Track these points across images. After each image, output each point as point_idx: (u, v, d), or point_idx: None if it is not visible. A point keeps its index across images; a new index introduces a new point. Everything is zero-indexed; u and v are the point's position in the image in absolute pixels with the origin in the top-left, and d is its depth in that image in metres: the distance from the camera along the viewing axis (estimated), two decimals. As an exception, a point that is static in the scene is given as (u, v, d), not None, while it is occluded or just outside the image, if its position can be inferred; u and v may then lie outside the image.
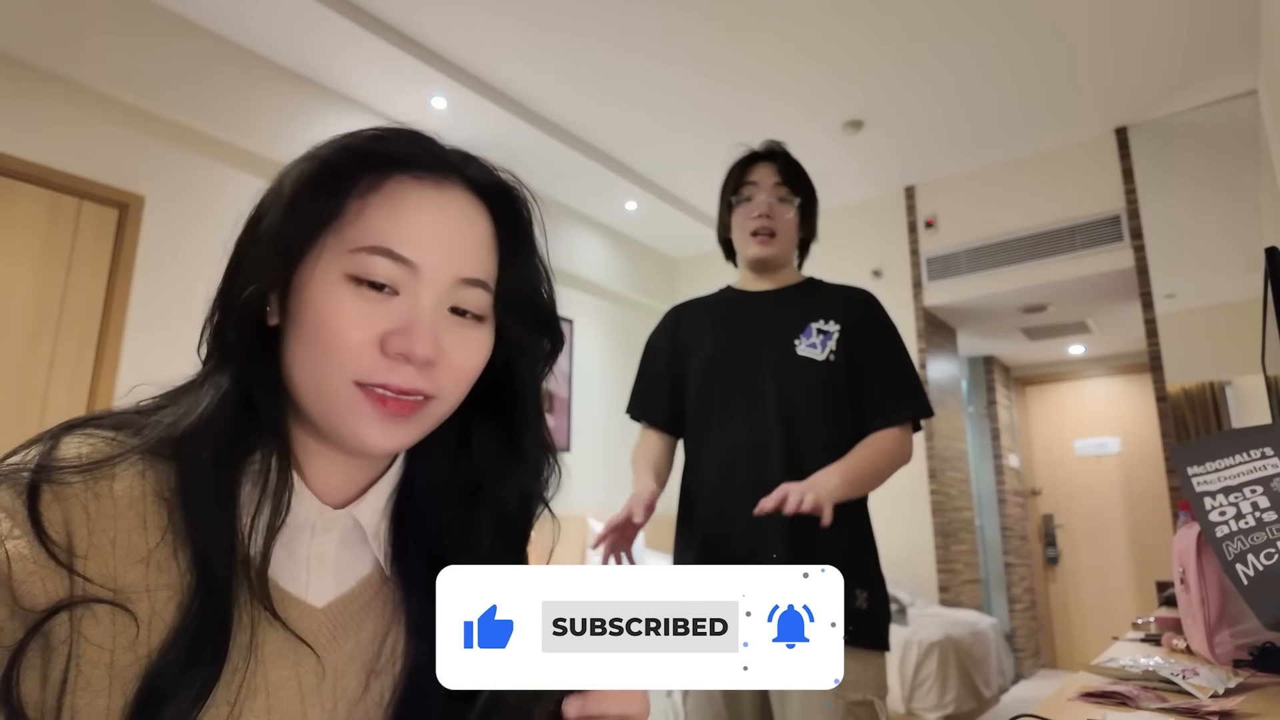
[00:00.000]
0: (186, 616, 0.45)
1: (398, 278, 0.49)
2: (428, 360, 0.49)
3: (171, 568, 0.46)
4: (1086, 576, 5.55)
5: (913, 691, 3.09)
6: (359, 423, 0.49)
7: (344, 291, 0.49)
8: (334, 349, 0.48)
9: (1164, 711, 0.78)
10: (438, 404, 0.52)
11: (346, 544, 0.55)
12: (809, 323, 1.43)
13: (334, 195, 0.50)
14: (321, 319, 0.48)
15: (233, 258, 0.52)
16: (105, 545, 0.45)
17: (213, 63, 2.94)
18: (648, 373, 1.59)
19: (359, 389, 0.49)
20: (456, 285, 0.51)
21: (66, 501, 0.44)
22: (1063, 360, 5.85)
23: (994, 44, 3.14)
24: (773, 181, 1.49)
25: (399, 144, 0.52)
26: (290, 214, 0.49)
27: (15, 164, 2.41)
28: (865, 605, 1.33)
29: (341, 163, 0.50)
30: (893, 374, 1.42)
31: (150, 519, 0.46)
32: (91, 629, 0.43)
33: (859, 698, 1.26)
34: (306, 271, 0.49)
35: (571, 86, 3.46)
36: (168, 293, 2.73)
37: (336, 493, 0.55)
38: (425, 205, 0.51)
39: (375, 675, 0.54)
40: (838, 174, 4.26)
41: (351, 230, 0.49)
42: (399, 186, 0.51)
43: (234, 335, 0.50)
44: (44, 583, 0.42)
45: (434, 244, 0.50)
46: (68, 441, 0.46)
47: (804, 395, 1.39)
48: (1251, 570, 0.85)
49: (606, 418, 4.54)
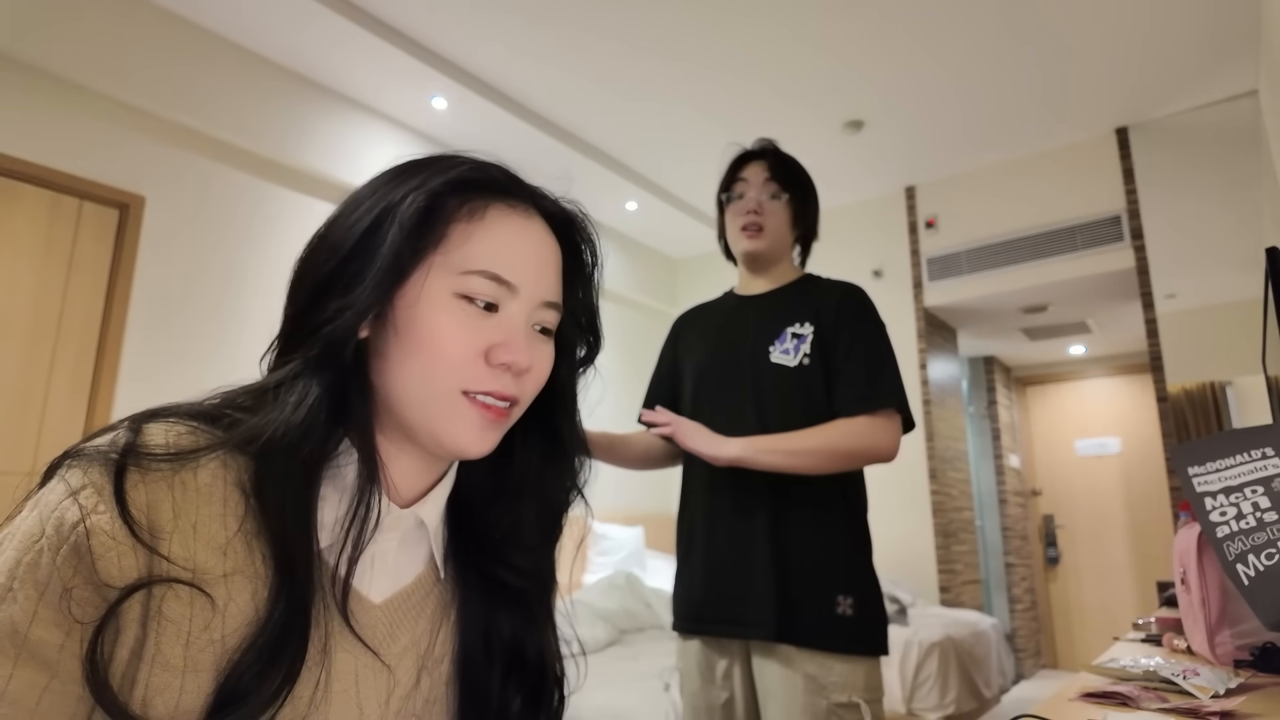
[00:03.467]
0: (268, 614, 0.47)
1: (499, 297, 0.55)
2: (525, 369, 0.55)
3: (248, 558, 0.48)
4: (1087, 577, 5.55)
5: (913, 692, 3.08)
6: (462, 428, 0.54)
7: (453, 308, 0.54)
8: (445, 360, 0.53)
9: (1165, 712, 0.78)
10: (519, 408, 0.58)
11: (407, 542, 0.59)
12: (785, 327, 1.43)
13: (443, 222, 0.55)
14: (433, 333, 0.53)
15: (321, 274, 0.54)
16: (187, 529, 0.47)
17: (213, 63, 2.94)
18: (654, 382, 1.62)
19: (465, 397, 0.54)
20: (541, 306, 0.58)
21: (152, 485, 0.46)
22: (1063, 360, 5.85)
23: (994, 44, 3.14)
24: (763, 178, 1.49)
25: (496, 174, 0.58)
26: (410, 238, 0.53)
27: (15, 164, 2.41)
28: (850, 611, 1.30)
29: (448, 193, 0.55)
30: (856, 363, 1.36)
31: (230, 509, 0.49)
32: (172, 608, 0.45)
33: (844, 699, 1.25)
34: (414, 289, 0.54)
35: (572, 86, 3.46)
36: (168, 293, 2.73)
37: (403, 493, 0.58)
38: (521, 233, 0.57)
39: (427, 670, 0.58)
40: (838, 174, 4.26)
41: (458, 254, 0.54)
42: (499, 215, 0.57)
43: (334, 344, 0.52)
44: (120, 559, 0.44)
45: (527, 269, 0.57)
46: (152, 429, 0.49)
47: (777, 403, 1.38)
48: (1252, 570, 0.85)
49: (607, 417, 4.53)
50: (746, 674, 1.36)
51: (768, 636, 1.30)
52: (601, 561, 4.12)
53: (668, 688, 2.44)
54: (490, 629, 0.61)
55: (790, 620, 1.29)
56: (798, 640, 1.28)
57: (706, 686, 1.38)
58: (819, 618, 1.30)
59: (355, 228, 0.54)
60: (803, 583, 1.31)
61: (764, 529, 1.34)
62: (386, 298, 0.53)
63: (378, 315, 0.54)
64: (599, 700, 2.43)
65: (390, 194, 0.55)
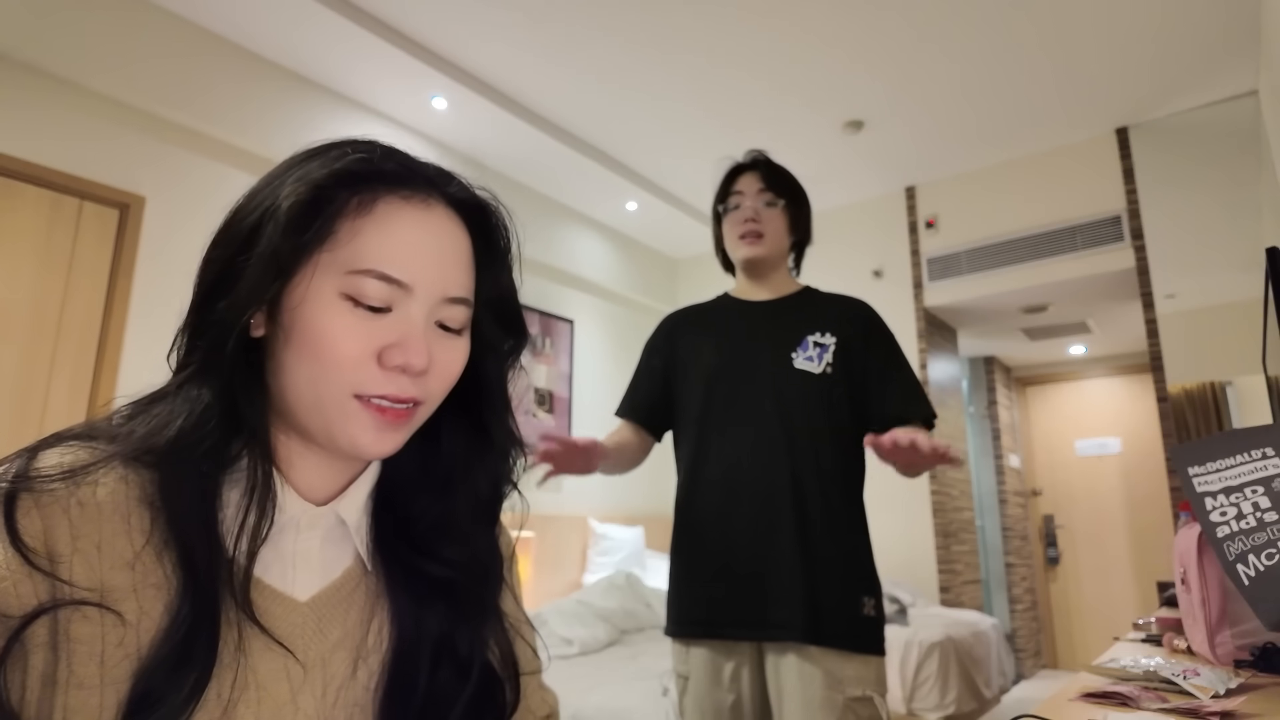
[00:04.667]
0: (176, 618, 0.47)
1: (391, 297, 0.52)
2: (421, 371, 0.53)
3: (157, 569, 0.48)
4: (1087, 577, 5.55)
5: (913, 692, 3.08)
6: (357, 431, 0.52)
7: (341, 309, 0.51)
8: (334, 364, 0.51)
9: (1165, 712, 0.78)
10: (426, 408, 0.56)
11: (330, 539, 0.58)
12: (806, 335, 1.46)
13: (328, 217, 0.51)
14: (320, 336, 0.51)
15: (213, 272, 0.53)
16: (90, 549, 0.46)
17: (213, 63, 2.94)
18: (640, 377, 1.61)
19: (358, 400, 0.52)
20: (443, 303, 0.54)
21: (47, 509, 0.45)
22: (1063, 360, 5.85)
23: (994, 44, 3.14)
24: (757, 188, 1.53)
25: (385, 164, 0.54)
26: (287, 234, 0.50)
27: (16, 164, 2.41)
28: (873, 612, 1.35)
29: (333, 185, 0.52)
30: (902, 379, 1.45)
31: (134, 523, 0.48)
32: (80, 629, 0.45)
33: (858, 693, 1.29)
34: (299, 288, 0.51)
35: (572, 86, 3.46)
36: (168, 293, 2.73)
37: (320, 490, 0.57)
38: (415, 227, 0.53)
39: (363, 659, 0.57)
40: (838, 174, 4.26)
41: (345, 251, 0.51)
42: (390, 208, 0.53)
43: (217, 346, 0.51)
44: (16, 587, 0.43)
45: (424, 265, 0.53)
46: (46, 454, 0.48)
47: (802, 407, 1.41)
48: (1252, 570, 0.85)
49: (606, 418, 4.52)
50: (756, 675, 1.37)
51: (795, 638, 1.31)
52: (601, 561, 4.12)
53: (666, 691, 2.44)
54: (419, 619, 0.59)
55: (818, 621, 1.31)
56: (824, 641, 1.31)
57: (714, 689, 1.38)
58: (847, 618, 1.33)
59: (246, 221, 0.52)
60: (830, 585, 1.34)
61: (789, 531, 1.35)
62: (268, 298, 0.51)
63: (270, 315, 0.52)
64: (599, 700, 2.43)
65: (281, 186, 0.52)
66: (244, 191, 0.55)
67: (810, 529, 1.36)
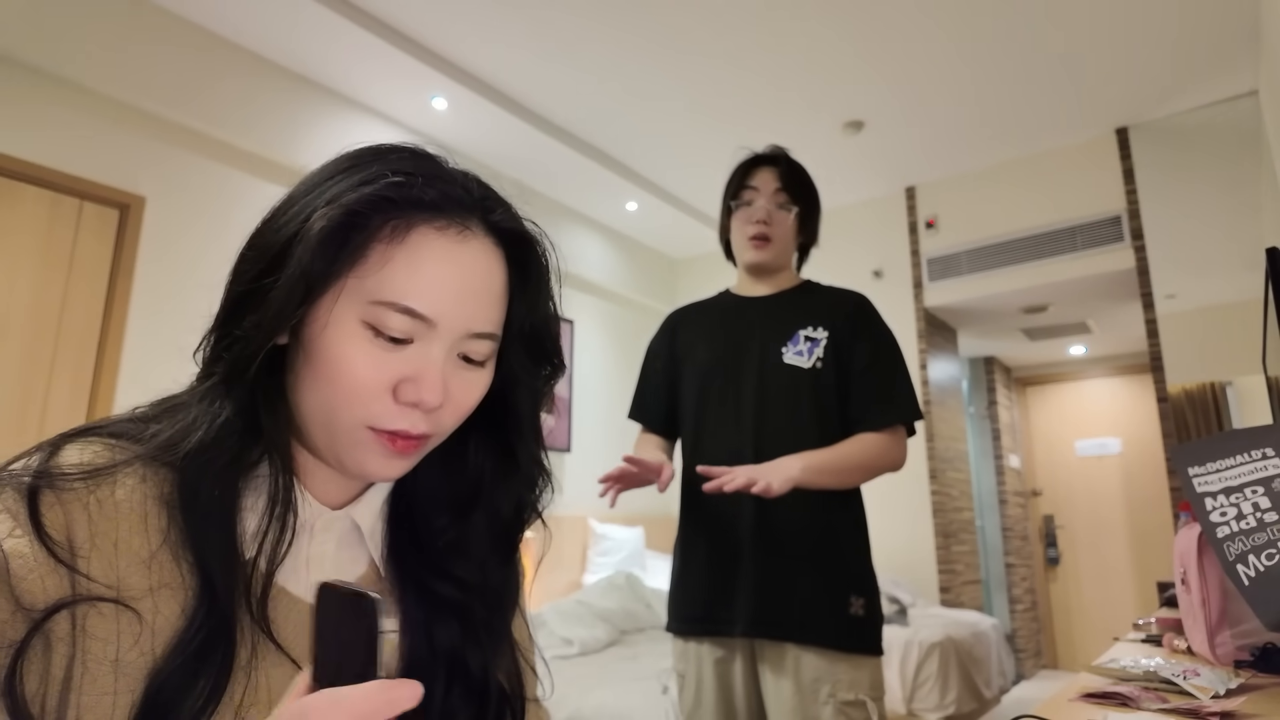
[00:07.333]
0: (191, 623, 0.47)
1: (413, 330, 0.51)
2: (435, 408, 0.52)
3: (174, 570, 0.48)
4: (1087, 577, 5.55)
5: (913, 692, 3.08)
6: (365, 458, 0.52)
7: (361, 338, 0.50)
8: (349, 392, 0.50)
9: (1165, 712, 0.77)
10: (437, 439, 0.55)
11: (345, 544, 0.58)
12: (797, 329, 1.44)
13: (359, 244, 0.50)
14: (337, 362, 0.50)
15: (243, 284, 0.52)
16: (107, 546, 0.46)
17: (213, 63, 2.94)
18: (647, 377, 1.61)
19: (370, 431, 0.51)
20: (467, 338, 0.53)
21: (68, 505, 0.46)
22: (1063, 360, 5.85)
23: (995, 44, 3.14)
24: (773, 188, 1.49)
25: (425, 192, 0.52)
26: (316, 258, 0.49)
27: (16, 164, 2.41)
28: (862, 612, 1.33)
29: (368, 210, 0.50)
30: (878, 377, 1.41)
31: (152, 522, 0.48)
32: (97, 626, 0.45)
33: (850, 697, 1.28)
34: (324, 309, 0.50)
35: (572, 87, 3.46)
36: (168, 293, 2.73)
37: (335, 495, 0.57)
38: (446, 261, 0.52)
39: None
40: (838, 174, 4.26)
41: (373, 280, 0.50)
42: (423, 239, 0.51)
43: (241, 365, 0.50)
44: (43, 580, 0.44)
45: (451, 300, 0.51)
46: (68, 449, 0.48)
47: (788, 402, 1.39)
48: (1252, 571, 0.85)
49: (607, 418, 4.55)
50: (751, 673, 1.37)
51: (780, 636, 1.30)
52: (601, 561, 4.12)
53: (666, 690, 2.44)
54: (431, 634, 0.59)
55: (804, 620, 1.30)
56: (810, 640, 1.30)
57: (711, 687, 1.38)
58: (833, 618, 1.31)
59: (281, 233, 0.51)
60: (817, 583, 1.33)
61: (766, 530, 1.35)
62: (293, 321, 0.50)
63: (293, 329, 0.52)
64: (599, 700, 2.43)
65: (317, 200, 0.51)
66: (282, 195, 0.54)
67: (787, 527, 1.34)
